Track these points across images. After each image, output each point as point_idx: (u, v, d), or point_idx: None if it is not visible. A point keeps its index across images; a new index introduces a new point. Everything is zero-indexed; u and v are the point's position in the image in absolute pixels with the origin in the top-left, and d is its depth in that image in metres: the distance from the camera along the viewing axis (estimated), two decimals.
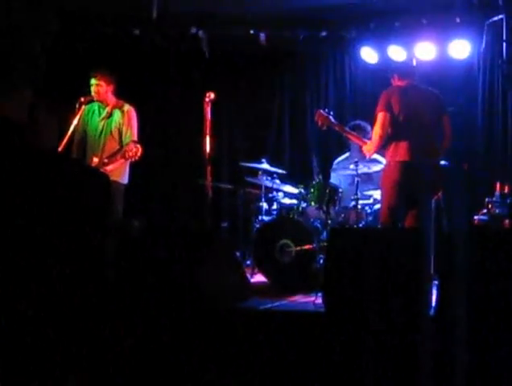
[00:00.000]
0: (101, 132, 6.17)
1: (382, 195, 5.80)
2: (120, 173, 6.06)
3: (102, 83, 6.13)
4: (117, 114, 6.16)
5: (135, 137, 6.10)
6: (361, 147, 6.11)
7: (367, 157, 6.17)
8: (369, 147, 5.90)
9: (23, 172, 1.41)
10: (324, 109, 6.40)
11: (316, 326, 4.35)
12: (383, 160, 6.09)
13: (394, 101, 5.64)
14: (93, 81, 6.14)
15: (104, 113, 6.22)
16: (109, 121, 6.18)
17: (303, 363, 4.07)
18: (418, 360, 3.83)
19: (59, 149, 5.89)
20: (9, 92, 1.47)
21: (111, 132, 6.14)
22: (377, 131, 5.69)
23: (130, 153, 5.67)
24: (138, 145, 5.72)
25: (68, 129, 5.95)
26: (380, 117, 5.64)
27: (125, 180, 6.17)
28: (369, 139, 5.94)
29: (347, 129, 6.33)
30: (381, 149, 5.85)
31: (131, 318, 4.12)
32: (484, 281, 3.98)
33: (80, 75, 6.43)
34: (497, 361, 3.74)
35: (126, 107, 6.20)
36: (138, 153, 5.67)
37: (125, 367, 3.83)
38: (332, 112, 6.31)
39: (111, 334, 1.51)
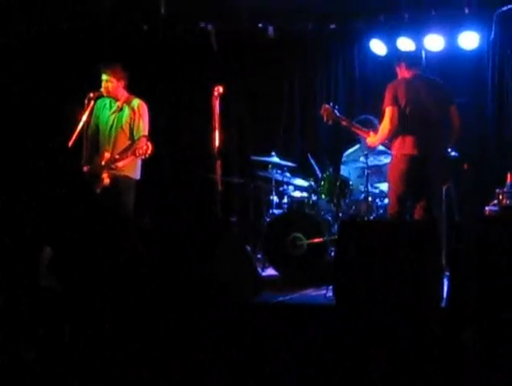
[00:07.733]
0: (112, 126, 6.15)
1: (390, 187, 5.81)
2: (131, 168, 6.05)
3: (113, 79, 6.11)
4: (127, 109, 6.13)
5: (146, 132, 6.08)
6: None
7: (370, 148, 6.13)
8: (373, 139, 5.91)
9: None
10: (329, 103, 6.39)
11: (327, 319, 4.36)
12: None
13: (400, 94, 5.62)
14: (104, 77, 6.12)
15: (114, 107, 6.21)
16: (119, 116, 6.15)
17: (314, 357, 4.08)
18: (429, 352, 3.83)
19: (69, 144, 5.92)
20: None
21: (122, 126, 6.10)
22: (386, 126, 5.66)
23: (141, 151, 5.72)
24: (149, 143, 5.75)
25: (77, 125, 5.97)
26: (388, 111, 5.62)
27: (137, 175, 6.16)
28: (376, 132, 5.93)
29: (353, 122, 6.30)
30: (388, 142, 5.85)
31: (144, 312, 4.14)
32: (495, 272, 3.97)
33: (89, 71, 6.43)
34: (510, 352, 3.74)
35: (137, 101, 6.17)
36: (149, 151, 5.70)
37: (137, 363, 3.86)
38: (337, 106, 6.30)
39: (124, 328, 1.53)
